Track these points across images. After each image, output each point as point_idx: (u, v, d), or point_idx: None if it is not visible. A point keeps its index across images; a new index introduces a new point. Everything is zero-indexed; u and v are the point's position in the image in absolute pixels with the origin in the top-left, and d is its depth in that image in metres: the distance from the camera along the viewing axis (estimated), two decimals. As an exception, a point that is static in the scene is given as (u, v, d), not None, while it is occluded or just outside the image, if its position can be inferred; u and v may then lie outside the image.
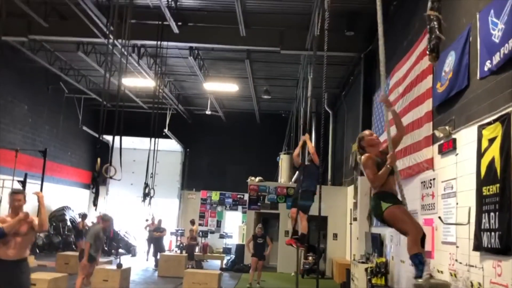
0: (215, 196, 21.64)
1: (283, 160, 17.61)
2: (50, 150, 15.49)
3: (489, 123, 4.82)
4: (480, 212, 4.87)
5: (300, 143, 8.32)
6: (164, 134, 18.17)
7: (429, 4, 5.07)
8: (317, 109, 16.96)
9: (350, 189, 13.90)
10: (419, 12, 7.83)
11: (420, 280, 4.00)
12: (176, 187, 22.07)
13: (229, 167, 21.14)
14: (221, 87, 16.23)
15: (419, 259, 4.05)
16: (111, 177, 6.95)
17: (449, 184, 5.93)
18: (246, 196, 18.93)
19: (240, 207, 21.27)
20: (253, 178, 15.76)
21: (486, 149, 4.84)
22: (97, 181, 6.38)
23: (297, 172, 14.90)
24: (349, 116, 14.94)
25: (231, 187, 21.27)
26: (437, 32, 4.97)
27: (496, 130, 4.65)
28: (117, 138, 7.89)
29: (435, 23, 5.02)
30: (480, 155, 4.97)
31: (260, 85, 16.55)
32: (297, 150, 8.29)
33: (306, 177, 7.95)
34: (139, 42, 12.29)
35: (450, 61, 6.19)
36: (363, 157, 4.52)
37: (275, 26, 11.48)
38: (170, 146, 20.62)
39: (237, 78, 15.70)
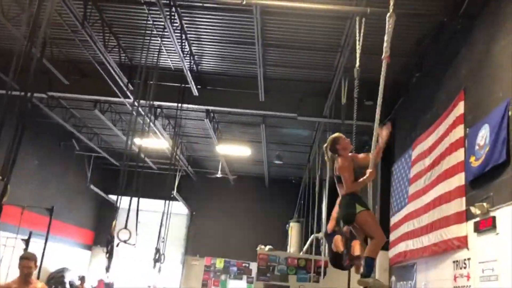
0: (219, 263, 20.82)
1: (293, 229, 17.09)
2: (56, 207, 15.13)
3: (537, 202, 4.54)
4: (530, 299, 4.47)
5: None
6: (172, 196, 17.82)
7: None
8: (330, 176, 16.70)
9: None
10: (445, 85, 7.79)
11: (369, 278, 4.56)
12: (179, 252, 21.35)
13: (235, 233, 20.55)
14: (234, 151, 16.10)
15: (373, 263, 4.66)
16: (125, 242, 6.58)
17: (489, 265, 5.52)
18: (252, 265, 18.18)
19: (245, 277, 20.38)
20: (262, 246, 15.18)
21: (535, 230, 4.53)
22: (112, 245, 6.01)
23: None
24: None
25: (236, 255, 20.53)
26: None
27: (547, 210, 4.36)
28: (126, 198, 7.63)
29: None
30: (527, 236, 4.65)
31: (272, 150, 16.42)
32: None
33: None
34: (157, 103, 12.31)
35: (483, 134, 6.00)
36: (341, 159, 4.90)
37: (293, 92, 11.50)
38: (175, 209, 20.13)
39: (250, 142, 15.61)
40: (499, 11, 5.74)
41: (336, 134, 5.14)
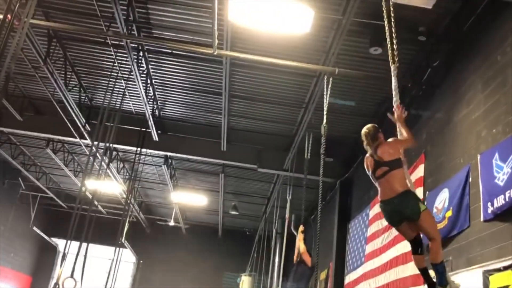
0: (164, 316, 19.83)
1: (244, 282, 16.62)
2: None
3: (498, 270, 4.60)
4: None
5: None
6: (120, 243, 17.03)
7: None
8: (282, 229, 16.56)
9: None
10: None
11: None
12: (123, 302, 20.22)
13: (185, 283, 19.77)
14: (189, 198, 15.74)
15: (444, 267, 4.21)
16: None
17: (446, 330, 5.49)
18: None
19: (191, 331, 19.46)
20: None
21: (495, 298, 4.56)
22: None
23: None
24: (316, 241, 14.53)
25: (184, 307, 19.67)
26: None
27: (508, 279, 4.41)
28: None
29: None
30: (488, 303, 4.67)
31: (228, 200, 16.19)
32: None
33: (296, 279, 7.53)
34: (113, 146, 11.96)
35: (443, 198, 6.14)
36: (389, 142, 4.71)
37: (255, 144, 11.51)
38: (122, 256, 19.25)
39: (206, 191, 15.36)
40: (460, 83, 6.04)
41: (373, 125, 4.74)
